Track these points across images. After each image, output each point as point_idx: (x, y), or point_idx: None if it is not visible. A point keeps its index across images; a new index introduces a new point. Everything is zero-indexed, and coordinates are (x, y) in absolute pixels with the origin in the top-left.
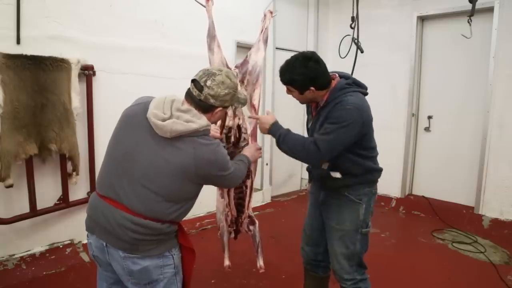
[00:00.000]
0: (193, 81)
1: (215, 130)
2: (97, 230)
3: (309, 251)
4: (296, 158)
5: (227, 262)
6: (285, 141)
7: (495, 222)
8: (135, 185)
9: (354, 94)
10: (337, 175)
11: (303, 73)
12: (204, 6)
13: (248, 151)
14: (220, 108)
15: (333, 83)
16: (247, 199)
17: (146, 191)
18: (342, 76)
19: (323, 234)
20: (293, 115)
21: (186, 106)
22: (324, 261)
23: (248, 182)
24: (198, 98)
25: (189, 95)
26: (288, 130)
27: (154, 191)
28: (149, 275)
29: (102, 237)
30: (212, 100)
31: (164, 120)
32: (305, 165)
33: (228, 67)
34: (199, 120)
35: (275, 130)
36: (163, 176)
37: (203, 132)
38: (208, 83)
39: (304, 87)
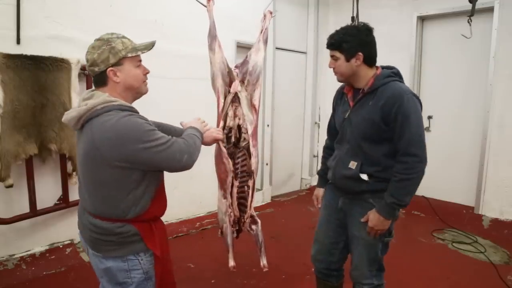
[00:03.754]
0: None
1: (217, 131)
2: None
3: (323, 260)
4: (418, 184)
5: (232, 263)
6: (410, 190)
7: (495, 222)
8: (81, 185)
9: (401, 84)
10: (365, 177)
11: (355, 34)
12: (205, 6)
13: (191, 122)
14: (111, 69)
15: (378, 70)
16: (249, 199)
17: (85, 188)
18: (385, 67)
19: (338, 242)
20: (294, 115)
21: (90, 92)
22: (337, 270)
23: (250, 182)
24: (92, 76)
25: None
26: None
27: (89, 187)
28: (114, 276)
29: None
30: (96, 69)
31: (68, 115)
32: (305, 165)
33: (228, 67)
34: (92, 100)
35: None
36: (84, 169)
37: (103, 110)
38: (85, 57)
39: (353, 50)
